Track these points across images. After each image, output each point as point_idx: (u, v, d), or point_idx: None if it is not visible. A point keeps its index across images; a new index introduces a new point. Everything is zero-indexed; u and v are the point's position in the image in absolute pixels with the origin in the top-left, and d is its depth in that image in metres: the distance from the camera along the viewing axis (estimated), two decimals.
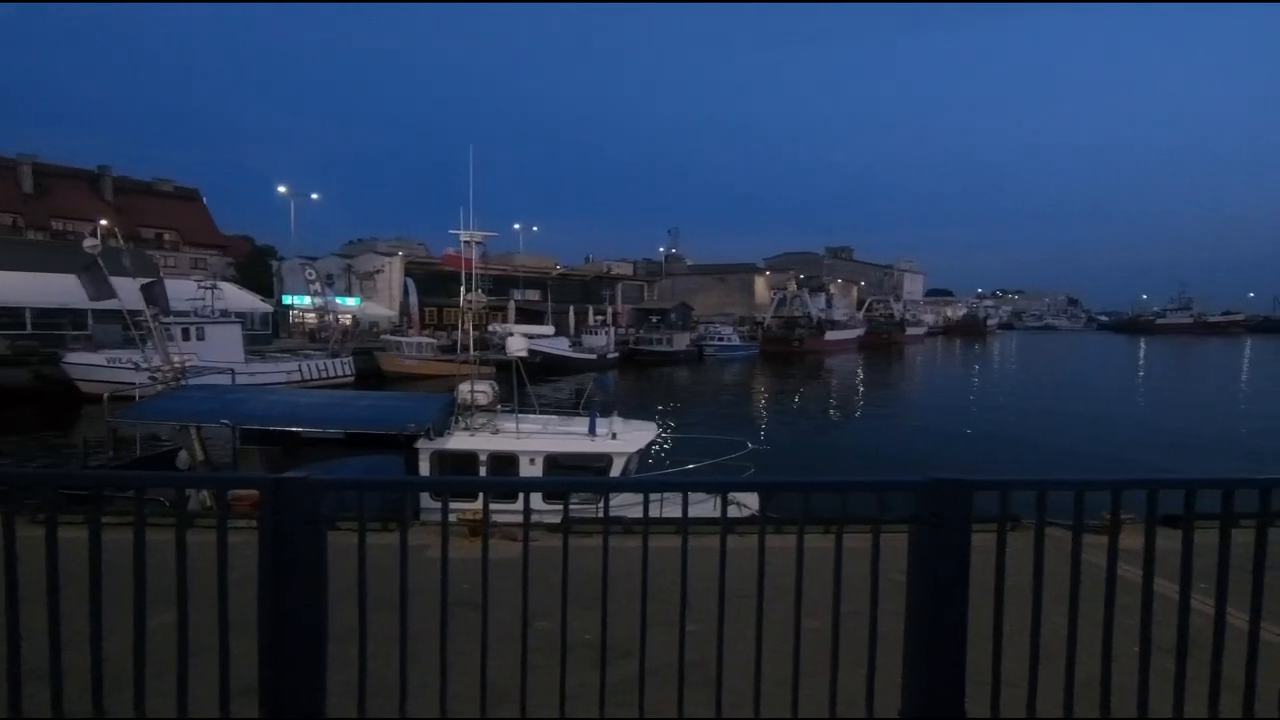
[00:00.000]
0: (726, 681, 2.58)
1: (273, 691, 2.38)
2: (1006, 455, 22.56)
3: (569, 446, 10.92)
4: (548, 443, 10.83)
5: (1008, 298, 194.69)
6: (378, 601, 2.50)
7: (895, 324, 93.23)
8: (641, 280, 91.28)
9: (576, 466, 11.20)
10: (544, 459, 10.58)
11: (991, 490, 2.55)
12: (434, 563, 2.58)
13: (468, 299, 12.56)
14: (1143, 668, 2.50)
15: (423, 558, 6.63)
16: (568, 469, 10.99)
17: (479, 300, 12.67)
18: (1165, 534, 2.61)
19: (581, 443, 10.95)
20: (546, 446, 10.72)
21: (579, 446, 10.91)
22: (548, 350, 43.39)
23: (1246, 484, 2.58)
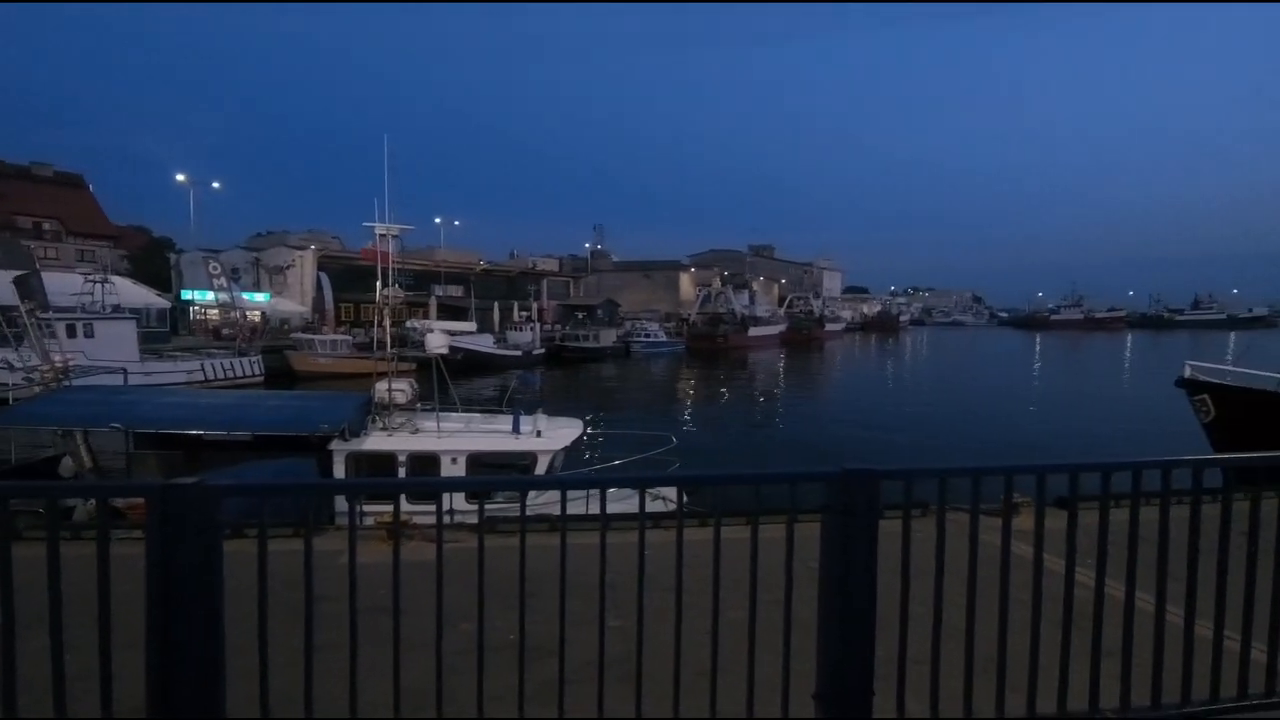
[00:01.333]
0: (653, 675, 2.59)
1: (162, 715, 2.22)
2: (917, 444, 23.71)
3: (492, 445, 10.73)
4: (470, 441, 10.60)
5: (919, 295, 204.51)
6: (289, 611, 2.38)
7: (815, 320, 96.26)
8: (567, 277, 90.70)
9: (501, 465, 11.03)
10: (467, 458, 10.35)
11: (897, 479, 2.67)
12: (346, 569, 2.47)
13: (384, 294, 12.14)
14: (1034, 638, 2.67)
15: (337, 564, 6.38)
16: (492, 468, 10.80)
17: (396, 295, 12.25)
18: (1060, 514, 2.81)
19: (505, 441, 10.77)
20: (469, 445, 10.49)
21: (503, 445, 10.73)
22: (470, 347, 42.51)
23: (1120, 467, 2.79)
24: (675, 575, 2.56)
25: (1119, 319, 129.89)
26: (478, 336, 49.03)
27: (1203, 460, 2.81)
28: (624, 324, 70.68)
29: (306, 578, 2.37)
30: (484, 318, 61.61)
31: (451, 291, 65.60)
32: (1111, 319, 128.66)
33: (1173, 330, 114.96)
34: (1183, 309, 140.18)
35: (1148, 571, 2.77)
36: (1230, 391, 16.00)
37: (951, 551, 2.65)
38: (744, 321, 77.26)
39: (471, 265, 70.63)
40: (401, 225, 12.91)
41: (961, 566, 2.68)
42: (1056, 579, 2.75)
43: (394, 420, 10.98)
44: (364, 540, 6.31)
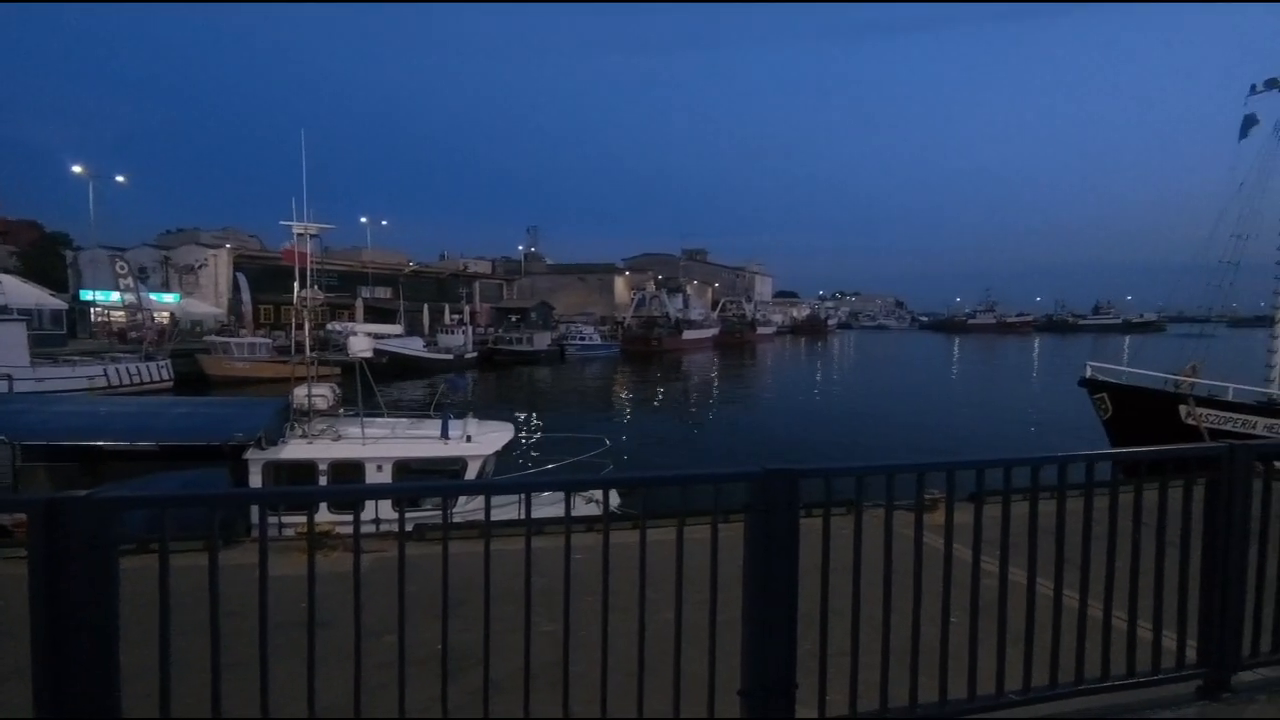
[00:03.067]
0: (583, 677, 2.58)
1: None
2: (842, 443, 24.49)
3: (420, 451, 10.44)
4: (396, 448, 10.29)
5: (845, 299, 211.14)
6: (200, 629, 2.25)
7: (747, 324, 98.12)
8: (500, 279, 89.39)
9: (429, 471, 10.75)
10: (393, 465, 10.05)
11: (816, 478, 2.74)
12: (270, 581, 2.36)
13: (303, 295, 11.64)
14: (944, 628, 2.79)
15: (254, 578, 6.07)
16: (420, 475, 10.52)
17: (316, 297, 11.78)
18: (971, 508, 2.95)
19: (434, 446, 10.50)
20: (395, 452, 10.18)
21: (431, 450, 10.45)
22: (398, 350, 41.28)
23: (1021, 463, 2.96)
24: (602, 578, 2.56)
25: (1028, 323, 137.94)
26: (407, 339, 47.74)
27: (1094, 455, 3.01)
28: (559, 327, 70.19)
29: (212, 594, 2.24)
30: (414, 320, 60.06)
31: (379, 293, 63.66)
32: (1021, 323, 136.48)
33: (1076, 334, 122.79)
34: (1085, 314, 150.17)
35: (1052, 561, 2.93)
36: (1125, 390, 17.25)
37: (873, 546, 2.74)
38: (678, 325, 77.99)
39: (400, 266, 68.74)
40: (321, 224, 12.43)
41: (881, 561, 2.78)
42: (969, 570, 2.88)
43: (315, 427, 10.55)
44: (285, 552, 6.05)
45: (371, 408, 11.88)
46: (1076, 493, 3.01)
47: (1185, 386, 15.96)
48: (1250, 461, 3.04)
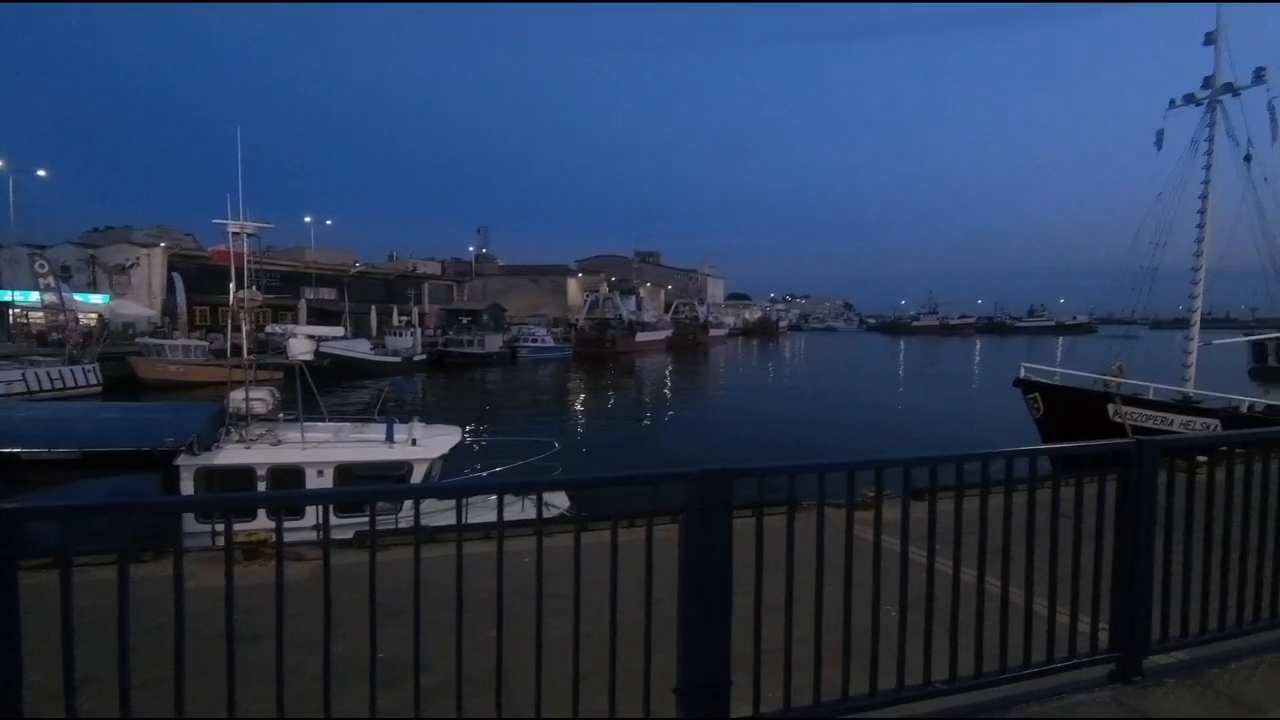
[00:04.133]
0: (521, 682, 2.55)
1: None
2: (788, 443, 24.91)
3: (363, 455, 10.18)
4: (338, 452, 10.01)
5: (796, 302, 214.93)
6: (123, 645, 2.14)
7: (700, 326, 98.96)
8: (450, 280, 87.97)
9: (372, 476, 10.50)
10: (334, 470, 9.78)
11: (751, 476, 2.79)
12: (197, 593, 2.27)
13: (239, 296, 11.23)
14: (874, 621, 2.86)
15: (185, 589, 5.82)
16: (363, 479, 10.26)
17: (253, 298, 11.37)
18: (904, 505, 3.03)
19: (378, 450, 10.26)
20: (336, 456, 9.91)
21: (374, 455, 10.21)
22: (344, 353, 40.25)
23: (946, 460, 3.05)
24: (535, 581, 2.55)
25: (969, 325, 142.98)
26: (353, 341, 46.56)
27: (1013, 451, 3.13)
28: (511, 329, 69.50)
29: (121, 608, 2.14)
30: (361, 322, 58.65)
31: (324, 294, 61.90)
32: (963, 325, 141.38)
33: (1014, 335, 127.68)
34: (1022, 317, 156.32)
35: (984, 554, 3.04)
36: (1056, 390, 18.01)
37: (810, 544, 2.79)
38: (631, 327, 78.14)
39: (346, 267, 66.95)
40: (258, 223, 12.00)
41: (823, 558, 2.83)
42: (912, 564, 2.96)
43: (252, 431, 10.19)
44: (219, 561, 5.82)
45: (313, 411, 11.54)
46: (1003, 489, 3.13)
47: (1112, 386, 16.76)
48: (1156, 456, 3.21)
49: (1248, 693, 3.27)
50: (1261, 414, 16.09)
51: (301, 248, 64.39)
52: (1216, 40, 17.67)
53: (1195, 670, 3.46)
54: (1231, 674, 3.44)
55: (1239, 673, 3.46)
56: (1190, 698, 3.23)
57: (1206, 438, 5.59)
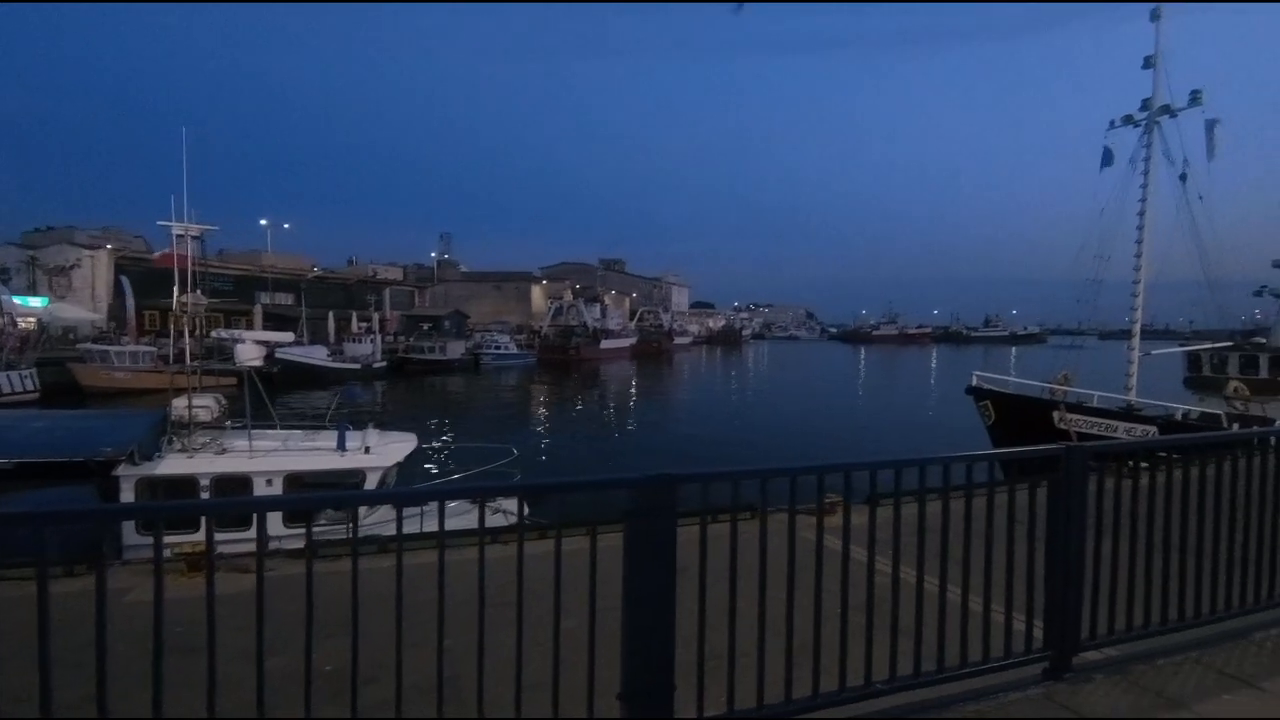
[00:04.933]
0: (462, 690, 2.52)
1: None
2: (745, 449, 25.12)
3: (314, 464, 9.93)
4: (288, 461, 9.76)
5: (759, 310, 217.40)
6: (58, 662, 2.06)
7: (664, 333, 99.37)
8: (412, 286, 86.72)
9: (324, 485, 10.27)
10: (284, 479, 9.52)
11: (694, 482, 2.81)
12: (138, 606, 2.19)
13: (181, 301, 10.87)
14: (815, 624, 2.90)
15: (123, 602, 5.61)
16: (313, 489, 10.02)
17: (198, 302, 11.03)
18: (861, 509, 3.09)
19: (329, 459, 10.03)
20: (286, 465, 9.65)
21: (326, 463, 9.97)
22: (298, 359, 39.32)
23: (884, 465, 3.12)
24: (478, 589, 2.52)
25: (926, 334, 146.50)
26: (310, 348, 45.56)
27: (950, 457, 3.22)
28: (473, 335, 68.83)
29: (41, 623, 2.05)
30: (319, 328, 57.43)
31: (280, 299, 60.46)
32: (920, 334, 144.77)
33: (969, 345, 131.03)
34: (976, 327, 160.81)
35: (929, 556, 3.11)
36: (1006, 398, 18.56)
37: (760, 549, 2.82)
38: (596, 334, 78.04)
39: (303, 271, 65.51)
40: (203, 225, 11.63)
41: (775, 562, 2.87)
42: (855, 568, 3.01)
43: (196, 440, 9.87)
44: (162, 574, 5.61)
45: (263, 419, 11.24)
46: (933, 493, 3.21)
47: (1058, 394, 17.33)
48: (1084, 460, 3.34)
49: (1172, 688, 3.41)
50: (1196, 421, 16.82)
51: (257, 251, 62.79)
52: (1155, 64, 18.51)
53: (1124, 667, 3.59)
54: (1157, 670, 3.58)
55: (1164, 669, 3.60)
56: (1117, 693, 3.35)
57: (1131, 443, 5.83)
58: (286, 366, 38.10)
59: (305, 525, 2.38)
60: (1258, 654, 3.78)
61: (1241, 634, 3.95)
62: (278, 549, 7.15)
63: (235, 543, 5.46)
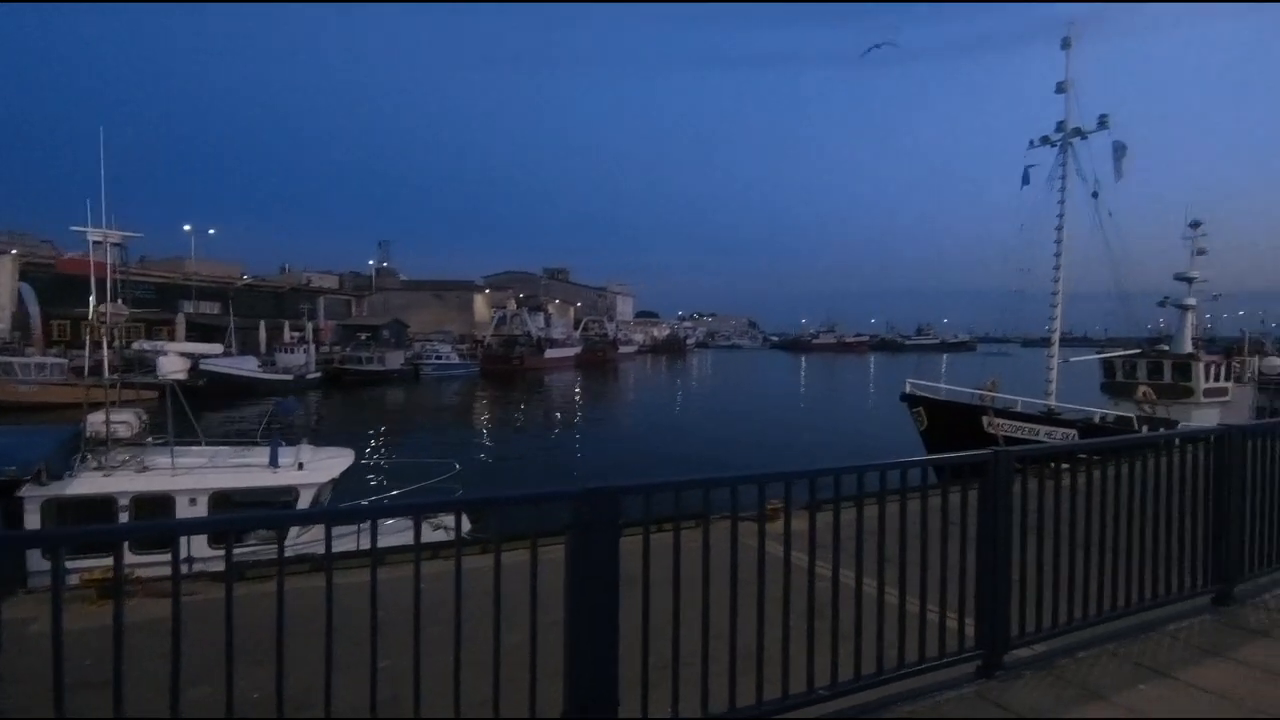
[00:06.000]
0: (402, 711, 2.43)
1: None
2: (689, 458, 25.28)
3: (243, 481, 9.48)
4: (214, 478, 9.28)
5: (703, 319, 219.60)
6: None
7: (609, 343, 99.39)
8: (349, 295, 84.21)
9: (254, 503, 9.81)
10: (210, 498, 9.06)
11: (636, 494, 2.80)
12: (44, 638, 2.03)
13: (99, 310, 10.23)
14: (759, 632, 2.92)
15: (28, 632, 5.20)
16: (243, 507, 9.57)
17: (118, 311, 10.40)
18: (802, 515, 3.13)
19: (260, 475, 9.59)
20: (212, 483, 9.18)
21: (257, 480, 9.53)
22: (227, 371, 37.64)
23: (824, 473, 3.18)
24: (413, 607, 2.44)
25: (864, 343, 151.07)
26: (238, 359, 43.66)
27: (885, 464, 3.31)
28: (413, 345, 67.28)
29: None
30: (249, 338, 55.17)
31: (207, 309, 57.80)
32: (858, 343, 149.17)
33: (904, 353, 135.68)
34: (910, 335, 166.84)
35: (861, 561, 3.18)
36: (937, 404, 19.27)
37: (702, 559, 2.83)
38: (540, 344, 77.44)
39: (231, 279, 62.80)
40: (125, 231, 10.99)
41: (718, 572, 2.87)
42: (797, 574, 3.05)
43: (114, 458, 9.30)
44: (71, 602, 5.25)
45: (187, 435, 10.68)
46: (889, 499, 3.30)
47: (986, 400, 18.11)
48: (1011, 464, 3.48)
49: (1093, 680, 3.57)
50: (1111, 424, 17.83)
51: (181, 258, 59.90)
52: (1066, 89, 19.70)
53: (1050, 662, 3.74)
54: (1079, 663, 3.75)
55: (1085, 661, 3.77)
56: (1044, 688, 3.49)
57: (1053, 446, 6.13)
58: (213, 379, 36.39)
59: (228, 546, 2.25)
60: (1170, 645, 4.01)
61: (1155, 626, 4.18)
62: (201, 571, 6.80)
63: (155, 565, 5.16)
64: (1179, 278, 21.69)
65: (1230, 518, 4.45)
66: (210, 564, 7.65)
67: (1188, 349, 20.85)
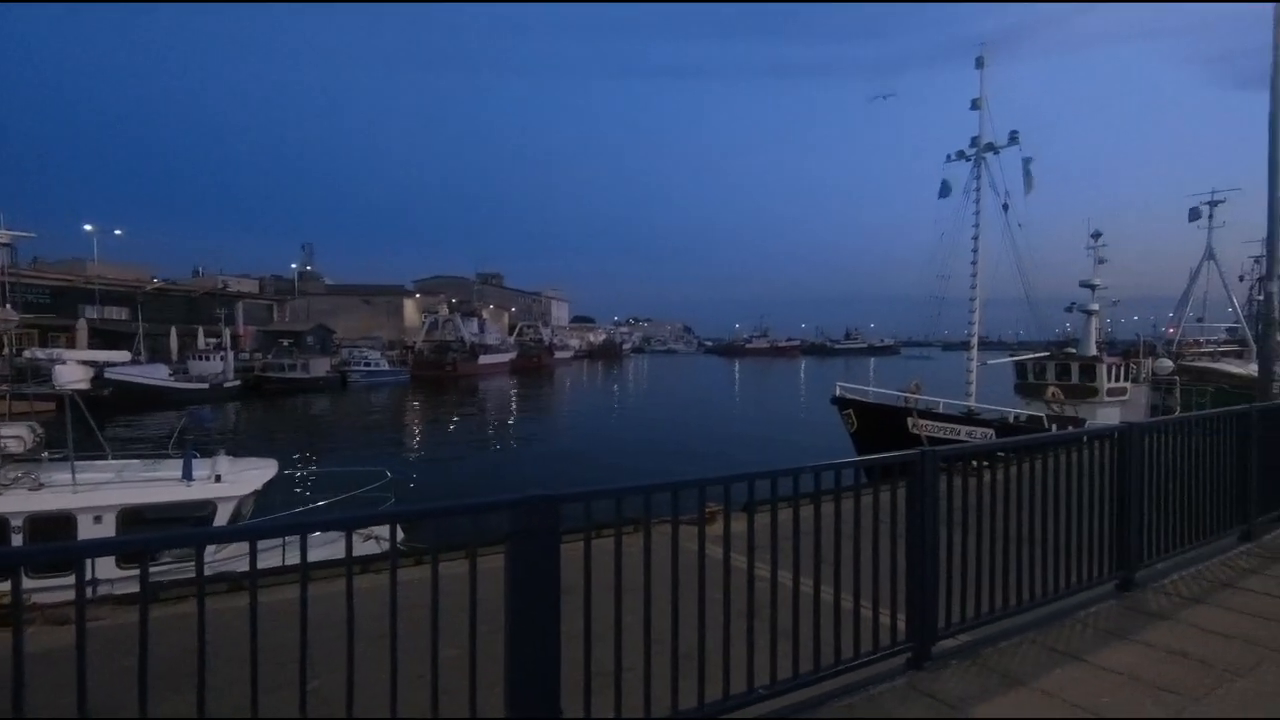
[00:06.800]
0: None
1: None
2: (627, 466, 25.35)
3: (154, 496, 8.90)
4: (121, 494, 8.69)
5: (639, 325, 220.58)
6: None
7: (545, 348, 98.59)
8: (270, 299, 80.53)
9: (168, 520, 9.24)
10: (117, 515, 8.47)
11: (577, 501, 2.78)
12: None
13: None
14: (700, 634, 2.94)
15: None
16: (155, 524, 8.99)
17: (6, 317, 9.61)
18: (740, 517, 3.16)
19: (173, 490, 9.03)
20: (119, 499, 8.58)
21: (168, 495, 8.96)
22: (134, 379, 35.36)
23: (762, 475, 3.24)
24: (346, 624, 2.35)
25: (795, 347, 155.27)
26: (147, 367, 41.15)
27: (819, 465, 3.40)
28: (340, 352, 64.95)
29: None
30: (160, 344, 52.08)
31: (113, 314, 54.21)
32: (790, 347, 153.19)
33: (833, 356, 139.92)
34: (839, 339, 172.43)
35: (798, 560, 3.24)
36: (866, 406, 19.95)
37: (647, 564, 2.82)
38: (473, 349, 76.08)
39: (139, 283, 59.04)
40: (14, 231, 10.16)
41: (659, 577, 2.87)
42: (737, 575, 3.07)
43: (6, 475, 8.58)
44: None
45: (92, 448, 9.98)
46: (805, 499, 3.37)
47: (911, 402, 18.87)
48: (936, 464, 3.64)
49: (1013, 667, 3.76)
50: (1024, 424, 18.87)
51: (81, 260, 55.98)
52: (980, 106, 20.81)
53: (975, 651, 3.92)
54: (1000, 651, 3.95)
55: (1006, 650, 3.97)
56: (969, 676, 3.65)
57: (975, 445, 6.45)
58: (120, 388, 34.14)
59: (142, 566, 2.11)
60: (1082, 630, 4.27)
61: (1068, 613, 4.44)
62: (107, 595, 6.36)
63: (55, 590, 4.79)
64: (1083, 284, 23.21)
65: (1131, 509, 4.77)
66: (119, 585, 7.16)
67: (1092, 352, 22.31)
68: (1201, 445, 5.49)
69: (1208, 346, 39.85)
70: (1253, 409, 6.14)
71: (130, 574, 6.99)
